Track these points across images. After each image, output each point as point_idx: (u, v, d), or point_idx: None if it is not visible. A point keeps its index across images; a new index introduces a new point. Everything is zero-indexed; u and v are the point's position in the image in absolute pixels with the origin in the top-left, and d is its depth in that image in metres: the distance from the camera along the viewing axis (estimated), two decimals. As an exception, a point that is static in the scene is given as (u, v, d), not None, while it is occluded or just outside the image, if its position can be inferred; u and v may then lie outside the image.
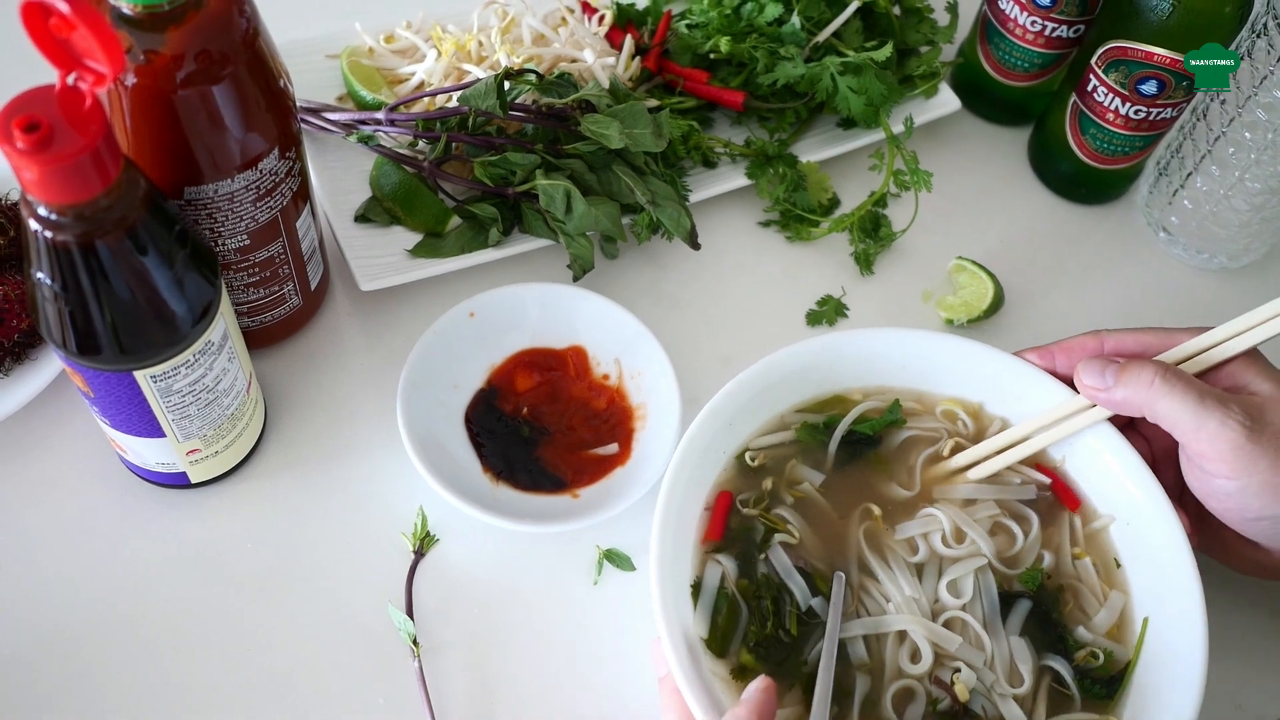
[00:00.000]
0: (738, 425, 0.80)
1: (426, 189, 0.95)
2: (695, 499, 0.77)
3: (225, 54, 0.70)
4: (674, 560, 0.72)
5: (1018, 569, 0.77)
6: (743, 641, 0.73)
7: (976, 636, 0.74)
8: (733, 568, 0.75)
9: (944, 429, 0.83)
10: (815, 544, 0.77)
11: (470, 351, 0.90)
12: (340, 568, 0.84)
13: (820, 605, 0.74)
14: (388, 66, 1.04)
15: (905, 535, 0.78)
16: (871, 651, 0.74)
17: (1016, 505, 0.80)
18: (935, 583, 0.76)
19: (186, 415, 0.76)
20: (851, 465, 0.81)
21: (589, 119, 0.91)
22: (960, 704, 0.72)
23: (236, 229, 0.78)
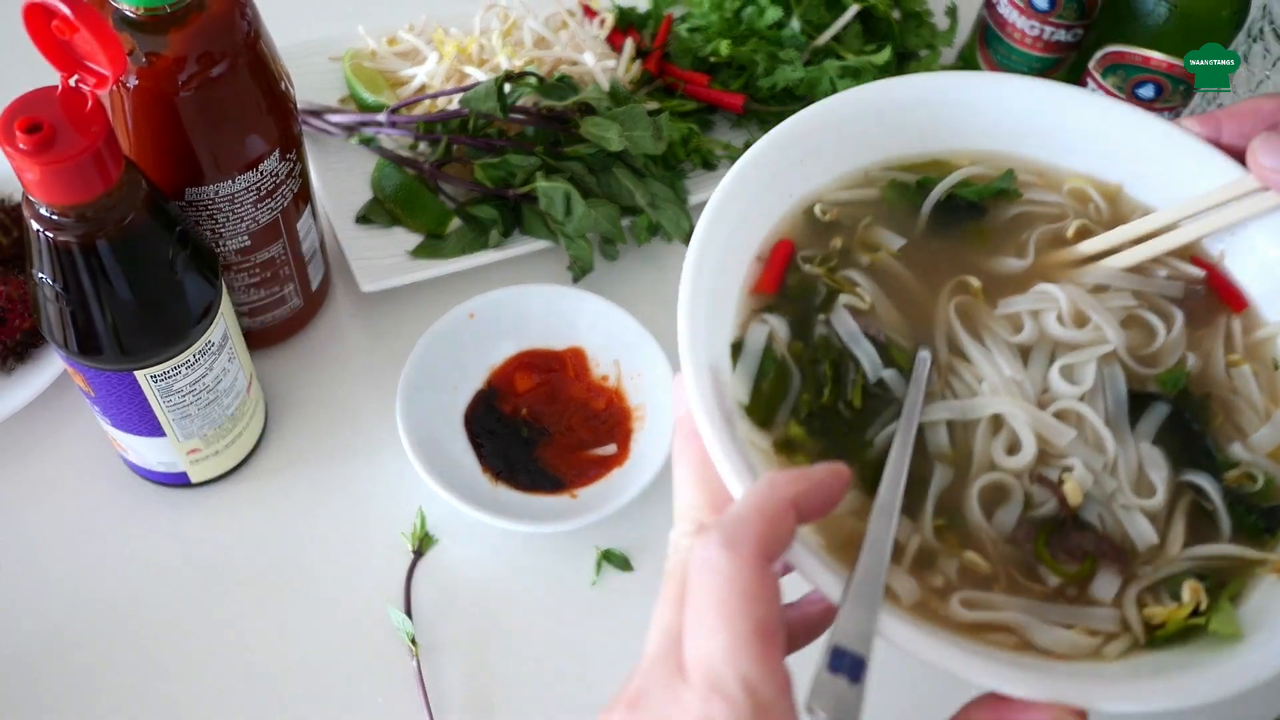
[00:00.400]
0: (809, 169, 0.65)
1: (427, 191, 0.96)
2: (746, 241, 0.63)
3: (227, 56, 0.70)
4: (708, 311, 0.58)
5: (1156, 369, 0.62)
6: (792, 412, 0.59)
7: (1095, 434, 0.59)
8: (784, 329, 0.61)
9: (1070, 209, 0.67)
10: (893, 316, 0.63)
11: (470, 352, 0.90)
12: (340, 567, 0.84)
13: (894, 379, 0.60)
14: (390, 69, 1.04)
15: (1011, 310, 0.63)
16: (956, 440, 0.59)
17: (1158, 300, 0.64)
18: (1045, 368, 0.61)
19: (187, 415, 0.77)
20: (946, 234, 0.66)
21: (589, 121, 0.92)
22: (1069, 509, 0.57)
23: (238, 230, 0.79)
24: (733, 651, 0.43)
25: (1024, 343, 0.62)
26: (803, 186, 0.65)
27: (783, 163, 0.63)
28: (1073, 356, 0.61)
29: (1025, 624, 0.54)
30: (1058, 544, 0.56)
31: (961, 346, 0.61)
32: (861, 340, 0.61)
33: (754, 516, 0.46)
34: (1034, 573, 0.56)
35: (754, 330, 0.60)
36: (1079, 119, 0.66)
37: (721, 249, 0.60)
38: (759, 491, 0.48)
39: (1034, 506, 0.57)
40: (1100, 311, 0.62)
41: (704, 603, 0.45)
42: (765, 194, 0.63)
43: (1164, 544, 0.57)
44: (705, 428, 0.52)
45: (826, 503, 0.49)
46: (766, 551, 0.45)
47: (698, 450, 0.53)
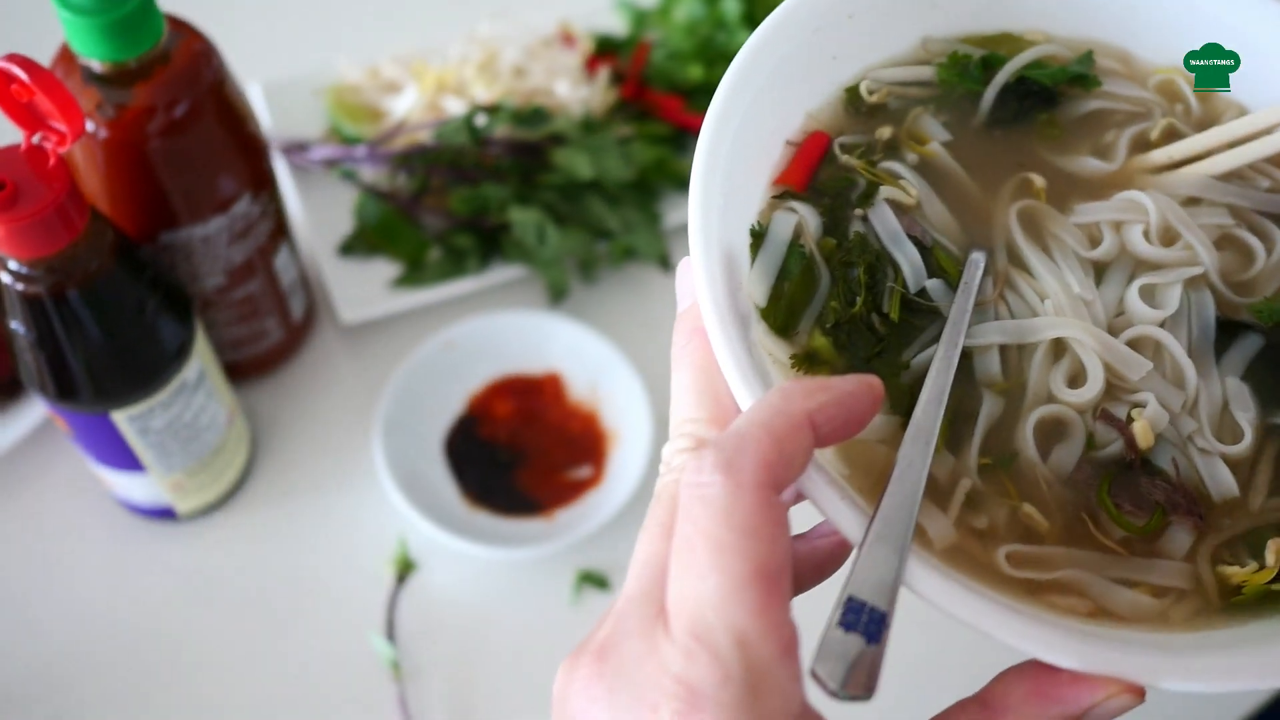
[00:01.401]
0: (854, 35, 0.55)
1: (407, 222, 0.98)
2: (778, 111, 0.53)
3: (193, 105, 0.72)
4: (725, 192, 0.48)
5: (1250, 298, 0.53)
6: (817, 321, 0.50)
7: (1175, 367, 0.51)
8: (815, 222, 0.52)
9: (1157, 105, 0.57)
10: (943, 218, 0.54)
11: (449, 380, 0.92)
12: (324, 596, 0.86)
13: (939, 290, 0.51)
14: (371, 101, 1.06)
15: (1087, 219, 0.54)
16: (1009, 368, 0.50)
17: (1258, 218, 0.55)
18: (1121, 287, 0.52)
19: (167, 451, 0.79)
20: (1011, 125, 0.57)
21: (560, 152, 0.94)
22: (1138, 452, 0.49)
23: (214, 270, 0.81)
24: (725, 598, 0.36)
25: (1100, 258, 0.53)
26: (848, 53, 0.55)
27: (826, 16, 0.53)
28: (1155, 276, 0.52)
29: (1080, 580, 0.46)
30: (1123, 491, 0.48)
31: (1023, 256, 0.52)
32: (904, 242, 0.52)
33: (760, 434, 0.38)
34: (1095, 522, 0.48)
35: (779, 219, 0.51)
36: None
37: (745, 116, 0.50)
38: (769, 403, 0.39)
39: (1097, 447, 0.49)
40: (1192, 229, 0.53)
41: (694, 537, 0.37)
42: (802, 54, 0.53)
43: (1246, 495, 0.49)
44: (712, 323, 0.44)
45: (852, 421, 0.41)
46: (773, 478, 0.37)
47: (701, 352, 0.45)
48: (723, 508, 0.36)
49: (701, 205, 0.47)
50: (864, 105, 0.55)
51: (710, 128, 0.48)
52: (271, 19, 1.20)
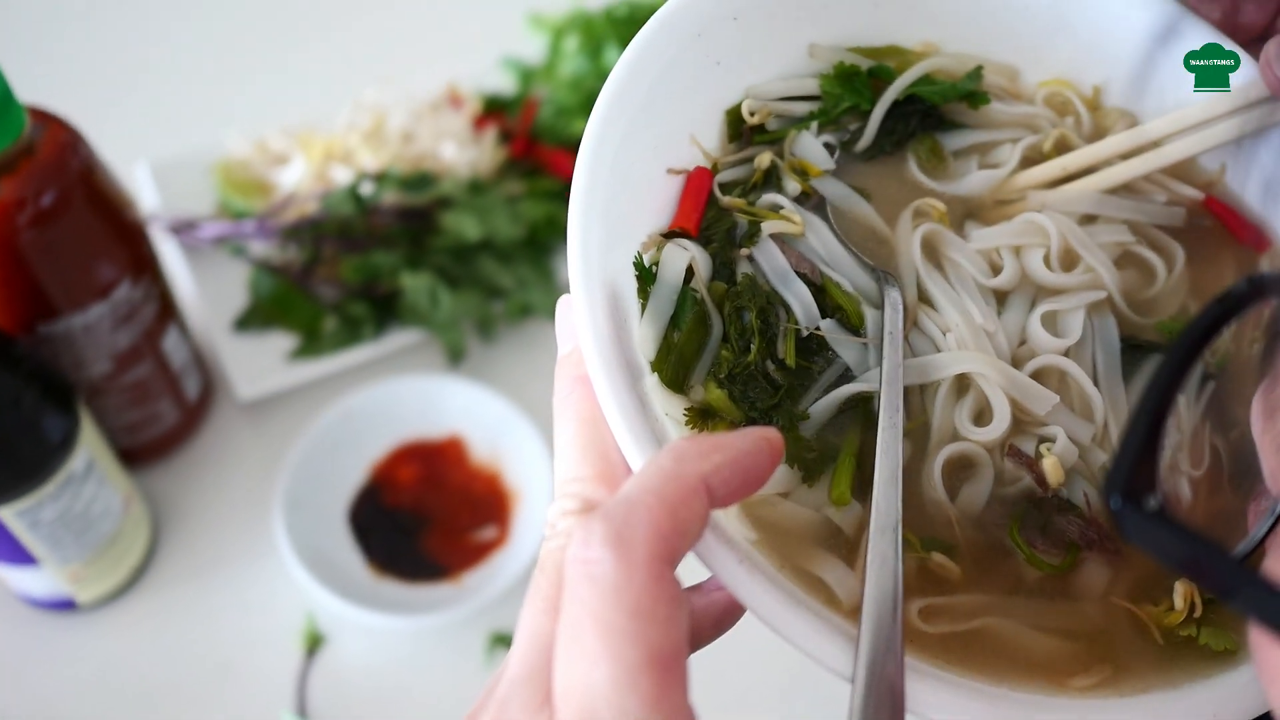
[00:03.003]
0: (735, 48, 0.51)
1: (300, 294, 0.98)
2: (658, 138, 0.49)
3: (62, 194, 0.72)
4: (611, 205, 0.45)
5: (1153, 317, 0.52)
6: (710, 371, 0.47)
7: (1082, 397, 0.49)
8: (705, 261, 0.48)
9: (1046, 119, 0.55)
10: (835, 251, 0.50)
11: (350, 450, 0.92)
12: (233, 675, 0.86)
13: (835, 332, 0.48)
14: (261, 175, 1.06)
15: (987, 244, 0.51)
16: (912, 408, 0.48)
17: (1157, 234, 0.53)
18: (1023, 316, 0.50)
19: (61, 543, 0.78)
20: (902, 144, 0.54)
21: (447, 215, 0.94)
22: (1049, 489, 0.47)
23: (99, 356, 0.80)
24: (618, 688, 0.33)
25: (1002, 286, 0.50)
26: (729, 69, 0.51)
27: (709, 20, 0.50)
28: (1057, 303, 0.50)
29: (994, 627, 0.44)
30: (1035, 529, 0.46)
31: (925, 287, 0.49)
32: (793, 280, 0.48)
33: (652, 503, 0.34)
34: (1007, 562, 0.46)
35: (671, 257, 0.47)
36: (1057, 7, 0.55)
37: (625, 135, 0.46)
38: (661, 467, 0.36)
39: (1006, 484, 0.47)
40: (1093, 250, 0.51)
41: (583, 619, 0.33)
42: (685, 61, 0.49)
43: None
44: (597, 371, 0.41)
45: (750, 480, 0.38)
46: (667, 551, 0.34)
47: (586, 402, 0.41)
48: (612, 587, 0.33)
49: (581, 237, 0.43)
50: (745, 127, 0.52)
51: (588, 148, 0.45)
52: (159, 96, 1.20)
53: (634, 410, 0.40)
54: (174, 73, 1.22)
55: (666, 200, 0.49)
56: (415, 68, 1.14)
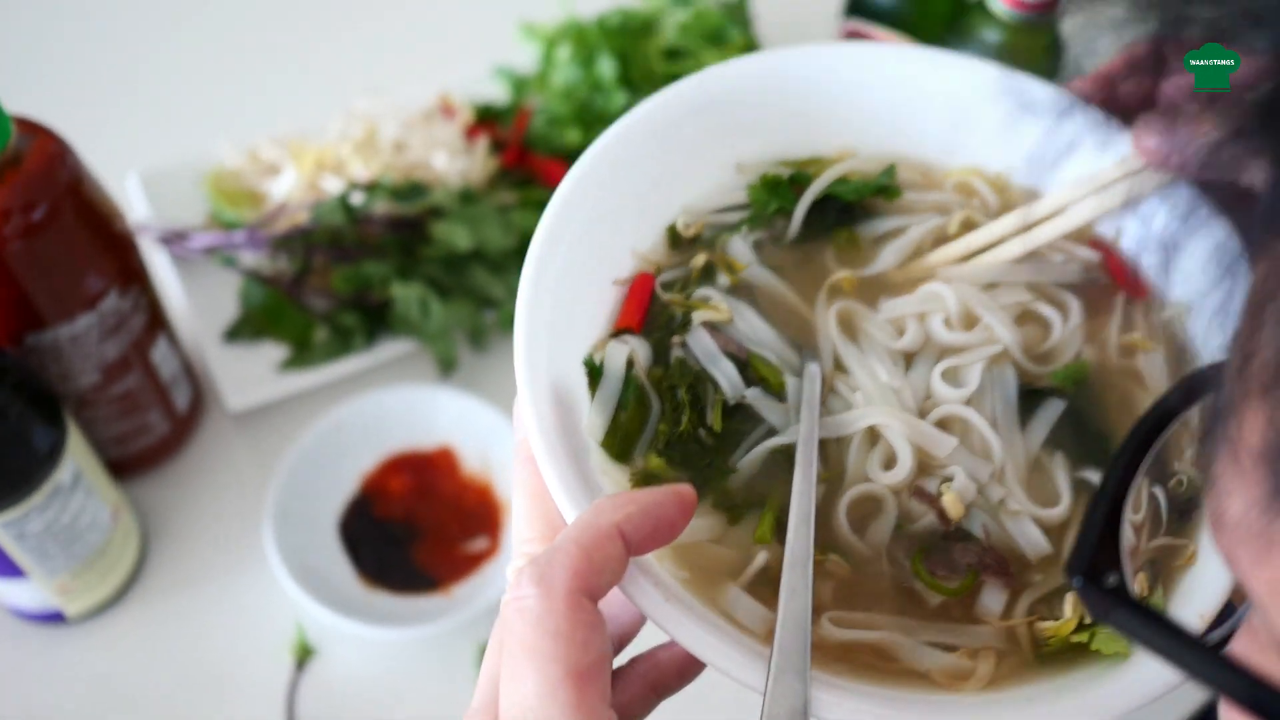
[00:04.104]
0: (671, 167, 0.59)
1: (291, 304, 0.97)
2: (597, 262, 0.56)
3: (50, 206, 0.72)
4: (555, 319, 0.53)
5: (1051, 365, 0.58)
6: (651, 444, 0.54)
7: (982, 440, 0.54)
8: (645, 352, 0.56)
9: (955, 202, 0.62)
10: (761, 330, 0.58)
11: (340, 461, 0.92)
12: (223, 687, 0.85)
13: (760, 399, 0.55)
14: (252, 185, 1.06)
15: (894, 314, 0.58)
16: (830, 458, 0.54)
17: (1054, 290, 0.60)
18: (928, 372, 0.56)
19: (48, 555, 0.78)
20: (821, 238, 0.61)
21: (437, 225, 0.94)
22: (949, 522, 0.53)
23: (86, 367, 0.80)
24: (541, 699, 0.39)
25: (907, 348, 0.57)
26: (666, 185, 0.59)
27: (640, 155, 0.57)
28: (957, 359, 0.56)
29: (900, 645, 0.49)
30: (938, 559, 0.52)
31: (840, 356, 0.57)
32: (720, 359, 0.56)
33: (570, 548, 0.41)
34: (914, 593, 0.51)
35: (613, 352, 0.55)
36: (962, 95, 0.60)
37: (569, 255, 0.54)
38: (581, 519, 0.43)
39: (912, 521, 0.53)
40: (992, 310, 0.57)
41: (514, 646, 0.40)
42: (621, 193, 0.56)
43: (1061, 549, 0.53)
44: (540, 453, 0.48)
45: (662, 528, 0.44)
46: (585, 585, 0.41)
47: (534, 478, 0.48)
48: (536, 616, 0.40)
49: (526, 343, 0.51)
50: (682, 239, 0.59)
51: (530, 271, 0.52)
52: (149, 107, 1.19)
53: (574, 483, 0.47)
54: (164, 83, 1.21)
55: (615, 303, 0.57)
56: (407, 77, 1.14)
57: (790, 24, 1.23)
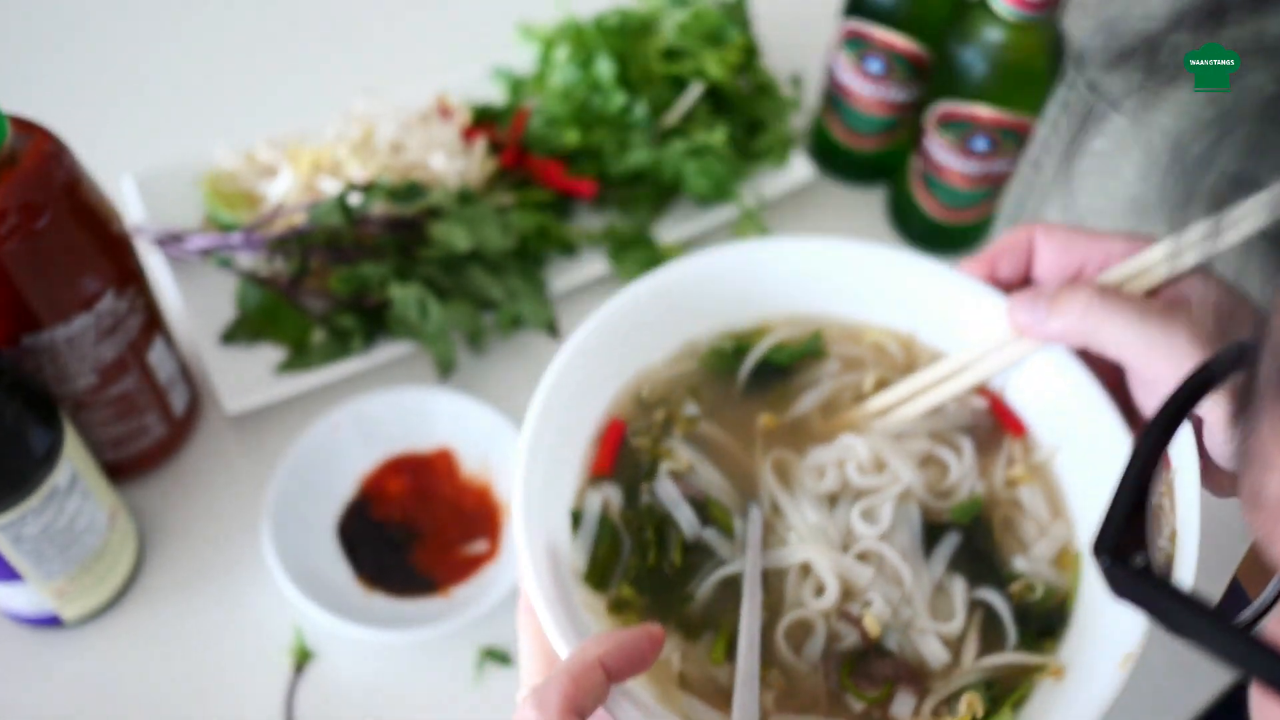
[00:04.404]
0: (634, 347, 0.72)
1: (288, 305, 0.97)
2: (579, 425, 0.69)
3: (46, 205, 0.71)
4: (546, 488, 0.65)
5: (951, 501, 0.69)
6: (623, 574, 0.66)
7: (894, 570, 0.66)
8: (617, 498, 0.68)
9: (870, 360, 0.74)
10: (713, 477, 0.70)
11: (338, 463, 0.91)
12: (221, 692, 0.84)
13: (714, 537, 0.67)
14: (249, 187, 1.06)
15: (816, 462, 0.70)
16: (771, 588, 0.66)
17: (950, 434, 0.72)
18: (848, 513, 0.68)
19: (45, 558, 0.77)
20: (761, 396, 0.73)
21: (436, 225, 0.94)
22: (869, 640, 0.64)
23: (82, 369, 0.80)
24: None
25: (830, 491, 0.69)
26: (632, 360, 0.72)
27: (611, 339, 0.70)
28: (872, 500, 0.68)
29: None
30: (861, 672, 0.63)
31: (775, 499, 0.69)
32: (681, 504, 0.67)
33: (562, 677, 0.51)
34: (842, 700, 0.63)
35: (590, 500, 0.67)
36: (875, 272, 0.73)
37: (557, 428, 0.66)
38: (571, 654, 0.53)
39: (839, 639, 0.64)
40: (898, 456, 0.69)
41: None
42: (597, 371, 0.70)
43: (959, 659, 0.64)
44: (539, 606, 0.58)
45: (635, 659, 0.54)
46: (574, 706, 0.51)
47: (534, 623, 0.59)
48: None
49: (524, 508, 0.62)
50: (646, 403, 0.72)
51: (526, 444, 0.64)
52: (144, 110, 1.19)
53: (566, 625, 0.58)
54: (160, 86, 1.21)
55: (592, 460, 0.69)
56: (404, 78, 1.14)
57: (789, 24, 1.24)
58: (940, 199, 1.06)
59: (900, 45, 1.02)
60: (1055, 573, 0.67)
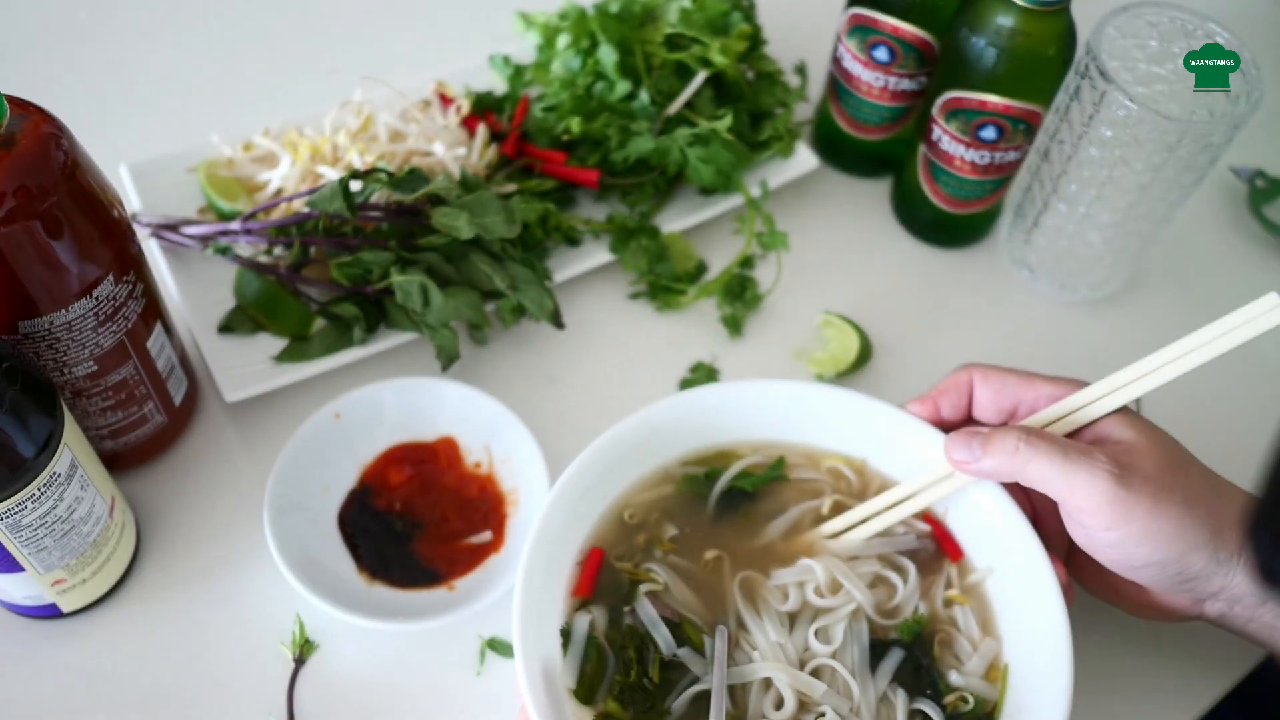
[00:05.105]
0: (618, 475, 0.81)
1: (288, 294, 0.96)
2: (568, 551, 0.78)
3: (44, 189, 0.70)
4: (539, 609, 0.74)
5: (896, 619, 0.79)
6: (608, 689, 0.74)
7: (844, 683, 0.75)
8: (603, 618, 0.77)
9: (827, 485, 0.84)
10: (688, 596, 0.78)
11: (339, 453, 0.90)
12: (220, 684, 0.83)
13: (688, 655, 0.75)
14: (245, 175, 1.04)
15: (779, 583, 0.79)
16: (737, 701, 0.74)
17: (896, 558, 0.81)
18: (806, 631, 0.77)
19: (43, 548, 0.76)
20: (729, 519, 0.82)
21: (439, 212, 0.92)
22: None
23: (81, 356, 0.78)
24: None
25: (791, 610, 0.78)
26: (615, 488, 0.81)
27: (597, 472, 0.79)
28: (827, 619, 0.77)
29: None
30: None
31: (742, 618, 0.78)
32: (659, 625, 0.76)
33: None
34: None
35: (578, 621, 0.76)
36: (828, 409, 0.84)
37: (549, 555, 0.76)
38: None
39: None
40: (851, 579, 0.78)
41: None
42: (583, 501, 0.79)
43: None
44: (533, 715, 0.68)
45: None
46: None
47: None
48: None
49: (521, 629, 0.71)
50: (628, 525, 0.81)
51: (524, 569, 0.73)
52: (139, 100, 1.18)
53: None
54: (155, 77, 1.20)
55: (574, 583, 0.78)
56: (403, 67, 1.13)
57: (794, 11, 1.23)
58: (947, 189, 1.05)
59: (907, 33, 1.01)
60: (985, 685, 0.76)
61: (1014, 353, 1.05)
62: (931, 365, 1.03)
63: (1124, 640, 0.88)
